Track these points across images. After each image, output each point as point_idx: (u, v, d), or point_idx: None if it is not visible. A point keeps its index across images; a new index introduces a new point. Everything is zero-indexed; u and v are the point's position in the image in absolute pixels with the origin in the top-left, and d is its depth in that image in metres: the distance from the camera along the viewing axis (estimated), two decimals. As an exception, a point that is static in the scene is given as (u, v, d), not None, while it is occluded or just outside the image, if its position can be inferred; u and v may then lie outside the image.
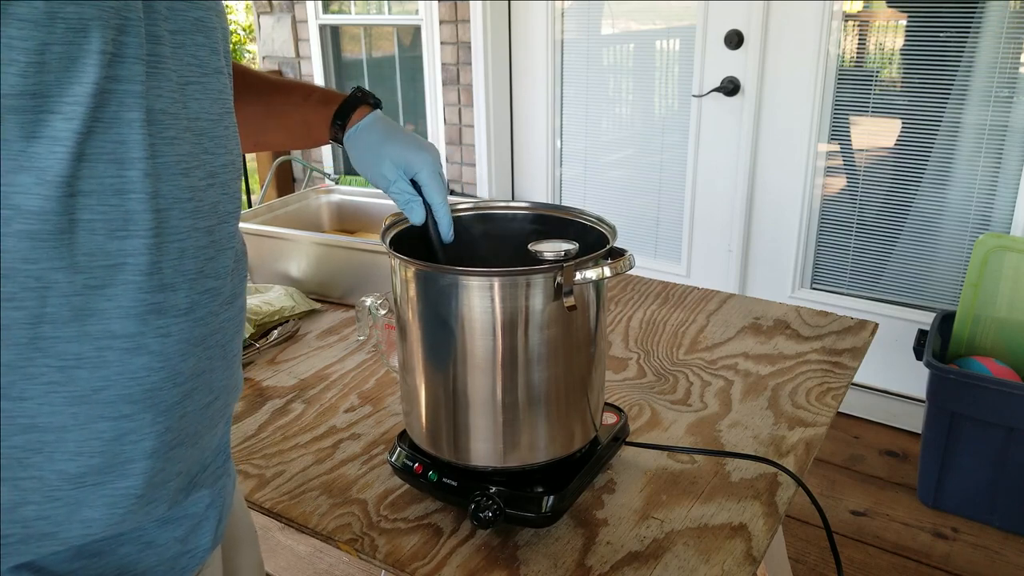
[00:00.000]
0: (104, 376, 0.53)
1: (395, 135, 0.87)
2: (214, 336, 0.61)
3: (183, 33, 0.58)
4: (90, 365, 0.52)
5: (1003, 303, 2.00)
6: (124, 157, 0.52)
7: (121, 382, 0.53)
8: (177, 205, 0.56)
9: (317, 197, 1.68)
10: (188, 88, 0.58)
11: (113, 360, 0.53)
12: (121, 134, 0.51)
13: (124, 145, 0.51)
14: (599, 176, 2.89)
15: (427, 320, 0.81)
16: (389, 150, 0.86)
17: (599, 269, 0.75)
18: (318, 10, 3.29)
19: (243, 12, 8.20)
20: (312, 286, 1.46)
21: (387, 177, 0.85)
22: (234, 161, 0.65)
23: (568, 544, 0.83)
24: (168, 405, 0.57)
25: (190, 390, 0.59)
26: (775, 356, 1.22)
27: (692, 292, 1.46)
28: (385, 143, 0.86)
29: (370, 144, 0.87)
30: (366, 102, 0.89)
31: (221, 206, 0.62)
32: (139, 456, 0.56)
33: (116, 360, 0.53)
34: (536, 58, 2.85)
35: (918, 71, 2.20)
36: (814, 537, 1.92)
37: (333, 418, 1.08)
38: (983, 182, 2.19)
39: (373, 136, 0.87)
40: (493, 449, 0.82)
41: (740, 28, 2.39)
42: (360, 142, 0.88)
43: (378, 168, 0.86)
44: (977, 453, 1.92)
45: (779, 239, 2.51)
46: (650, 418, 1.06)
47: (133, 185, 0.52)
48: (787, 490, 0.90)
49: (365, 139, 0.88)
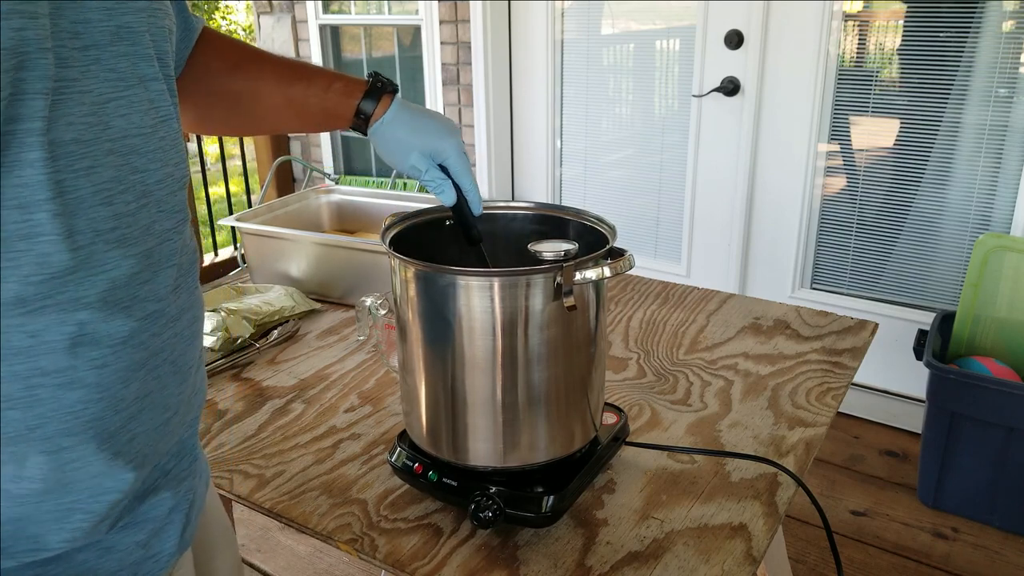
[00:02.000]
0: (39, 414, 0.52)
1: (419, 125, 0.89)
2: (160, 355, 0.60)
3: (98, 47, 0.55)
4: (22, 405, 0.51)
5: (1003, 303, 2.00)
6: (28, 200, 0.49)
7: (57, 418, 0.53)
8: (99, 238, 0.54)
9: (317, 197, 1.68)
10: (108, 106, 0.56)
11: (46, 397, 0.52)
12: (21, 177, 0.48)
13: (26, 188, 0.49)
14: (599, 176, 2.89)
15: (427, 320, 0.81)
16: (417, 142, 0.88)
17: (599, 269, 0.75)
18: (318, 10, 3.29)
19: (243, 12, 8.19)
20: (312, 286, 1.46)
21: (418, 168, 0.88)
22: (173, 173, 0.62)
23: (568, 544, 0.83)
24: (112, 432, 0.56)
25: (136, 412, 0.58)
26: (775, 356, 1.22)
27: (692, 292, 1.46)
28: (412, 135, 0.88)
29: (398, 138, 0.88)
30: (386, 91, 0.90)
31: (157, 225, 0.60)
32: (85, 478, 0.55)
33: (49, 397, 0.52)
34: (536, 58, 2.85)
35: (918, 71, 2.20)
36: (814, 537, 1.92)
37: (333, 418, 1.08)
38: (983, 182, 2.19)
39: (400, 131, 0.88)
40: (493, 449, 0.82)
41: (740, 28, 2.39)
42: (387, 136, 0.89)
43: (407, 160, 0.88)
44: (977, 453, 1.92)
45: (779, 239, 2.51)
46: (650, 418, 1.06)
47: (41, 228, 0.50)
48: (787, 490, 0.90)
49: (392, 134, 0.88)
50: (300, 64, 0.92)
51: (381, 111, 0.88)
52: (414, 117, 0.89)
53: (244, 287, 1.43)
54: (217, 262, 3.37)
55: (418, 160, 0.87)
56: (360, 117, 0.89)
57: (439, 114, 0.92)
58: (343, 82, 0.89)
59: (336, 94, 0.89)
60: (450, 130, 0.89)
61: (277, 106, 0.90)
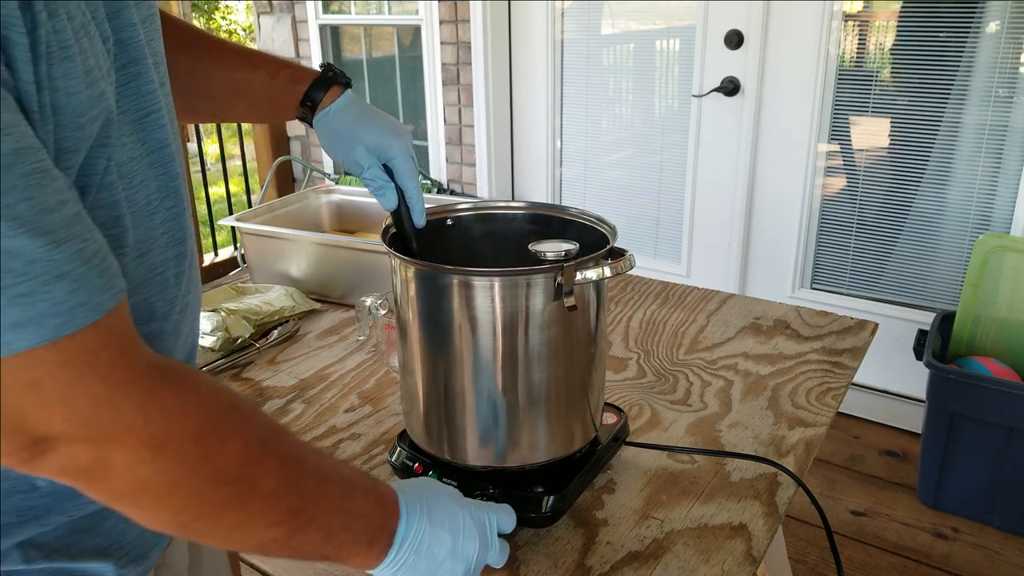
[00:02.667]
0: None
1: (367, 119, 0.86)
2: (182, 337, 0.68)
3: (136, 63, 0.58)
4: None
5: (1003, 303, 2.00)
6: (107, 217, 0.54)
7: None
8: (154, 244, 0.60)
9: (317, 197, 1.68)
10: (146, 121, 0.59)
11: None
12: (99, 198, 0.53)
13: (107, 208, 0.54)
14: (599, 176, 2.89)
15: (427, 320, 0.81)
16: (363, 136, 0.84)
17: (599, 269, 0.75)
18: (318, 10, 3.29)
19: (243, 12, 8.19)
20: (312, 286, 1.46)
21: (360, 164, 0.84)
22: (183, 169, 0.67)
23: (568, 544, 0.83)
24: None
25: None
26: (775, 356, 1.22)
27: (692, 292, 1.46)
28: (358, 128, 0.85)
29: (342, 129, 0.85)
30: (337, 82, 0.87)
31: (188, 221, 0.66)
32: None
33: None
34: (536, 58, 2.85)
35: (918, 71, 2.20)
36: (814, 537, 1.92)
37: (333, 418, 1.08)
38: (983, 182, 2.19)
39: (345, 121, 0.85)
40: (493, 449, 0.82)
41: (740, 28, 2.39)
42: (331, 126, 0.86)
43: (351, 154, 0.85)
44: (977, 453, 1.92)
45: (779, 239, 2.51)
46: (650, 418, 1.06)
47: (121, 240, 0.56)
48: (787, 490, 0.90)
49: (337, 123, 0.85)
50: (246, 50, 0.89)
51: (329, 100, 0.86)
52: (363, 111, 0.86)
53: (244, 287, 1.43)
54: (217, 262, 3.37)
55: (362, 155, 0.84)
56: (306, 105, 0.86)
57: (391, 117, 0.89)
58: (292, 70, 0.87)
59: (283, 80, 0.86)
60: (400, 131, 0.86)
61: (221, 91, 0.87)
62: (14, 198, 0.41)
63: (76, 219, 0.45)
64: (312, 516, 0.58)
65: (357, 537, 0.62)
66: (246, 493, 0.54)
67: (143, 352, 0.50)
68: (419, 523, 0.66)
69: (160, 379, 0.50)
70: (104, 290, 0.46)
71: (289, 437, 0.60)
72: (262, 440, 0.56)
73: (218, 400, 0.54)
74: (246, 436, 0.54)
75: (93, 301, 0.45)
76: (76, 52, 0.47)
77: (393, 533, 0.64)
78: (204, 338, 1.23)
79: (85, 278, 0.45)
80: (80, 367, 0.46)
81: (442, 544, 0.66)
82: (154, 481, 0.50)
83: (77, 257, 0.44)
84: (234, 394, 0.57)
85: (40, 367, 0.44)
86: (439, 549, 0.66)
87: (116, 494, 0.50)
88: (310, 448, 0.62)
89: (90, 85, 0.49)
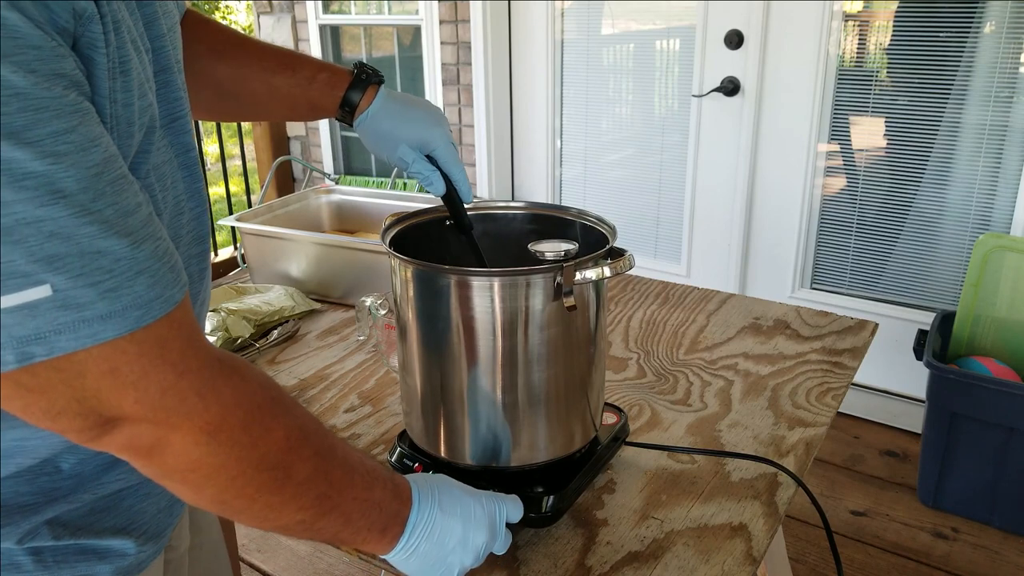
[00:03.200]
0: None
1: (405, 114, 0.88)
2: None
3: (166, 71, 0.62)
4: None
5: (1003, 303, 2.00)
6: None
7: None
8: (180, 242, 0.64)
9: (317, 197, 1.68)
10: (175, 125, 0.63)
11: None
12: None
13: None
14: (599, 176, 2.89)
15: (427, 320, 0.81)
16: (403, 134, 0.88)
17: (599, 269, 0.75)
18: (318, 10, 3.29)
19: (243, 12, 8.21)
20: (312, 286, 1.46)
21: (405, 160, 0.88)
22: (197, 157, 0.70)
23: (568, 544, 0.83)
24: None
25: None
26: (775, 356, 1.22)
27: (692, 292, 1.46)
28: (398, 126, 0.88)
29: (383, 129, 0.88)
30: (371, 82, 0.89)
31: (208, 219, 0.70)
32: None
33: None
34: (536, 58, 2.85)
35: (918, 71, 2.20)
36: (814, 537, 1.92)
37: (333, 418, 1.08)
38: (983, 182, 2.19)
39: (385, 121, 0.88)
40: (493, 449, 0.82)
41: (740, 28, 2.39)
42: (373, 128, 0.88)
43: (395, 152, 0.88)
44: (977, 453, 1.92)
45: (779, 239, 2.51)
46: (650, 418, 1.06)
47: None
48: (787, 490, 0.90)
49: (378, 126, 0.88)
50: (284, 52, 0.91)
51: (366, 103, 0.88)
52: (400, 108, 0.89)
53: (244, 287, 1.43)
54: (217, 262, 3.37)
55: (406, 153, 0.87)
56: (345, 109, 0.88)
57: (425, 102, 0.92)
58: (328, 73, 0.89)
59: (321, 85, 0.88)
60: (437, 119, 0.89)
61: (261, 95, 0.89)
62: (103, 203, 0.46)
63: (150, 219, 0.50)
64: (337, 503, 0.62)
65: (373, 524, 0.66)
66: (283, 479, 0.58)
67: (205, 342, 0.55)
68: (430, 511, 0.69)
69: (219, 369, 0.54)
70: (174, 284, 0.51)
71: (323, 428, 0.64)
72: (302, 430, 0.60)
73: (266, 391, 0.58)
74: (289, 425, 0.59)
75: (166, 295, 0.50)
76: (132, 67, 0.52)
77: (405, 521, 0.68)
78: (204, 338, 1.23)
79: (160, 273, 0.50)
80: (153, 356, 0.50)
81: (452, 532, 0.70)
82: (204, 462, 0.54)
83: (154, 255, 0.49)
84: (278, 386, 0.61)
85: (119, 356, 0.48)
86: (449, 537, 0.70)
87: (168, 471, 0.55)
88: (340, 440, 0.66)
89: (141, 96, 0.53)
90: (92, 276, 0.46)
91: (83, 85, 0.47)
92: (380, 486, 0.66)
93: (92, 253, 0.45)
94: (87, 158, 0.45)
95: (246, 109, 0.94)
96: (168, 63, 0.61)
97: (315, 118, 0.93)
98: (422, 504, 0.69)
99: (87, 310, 0.46)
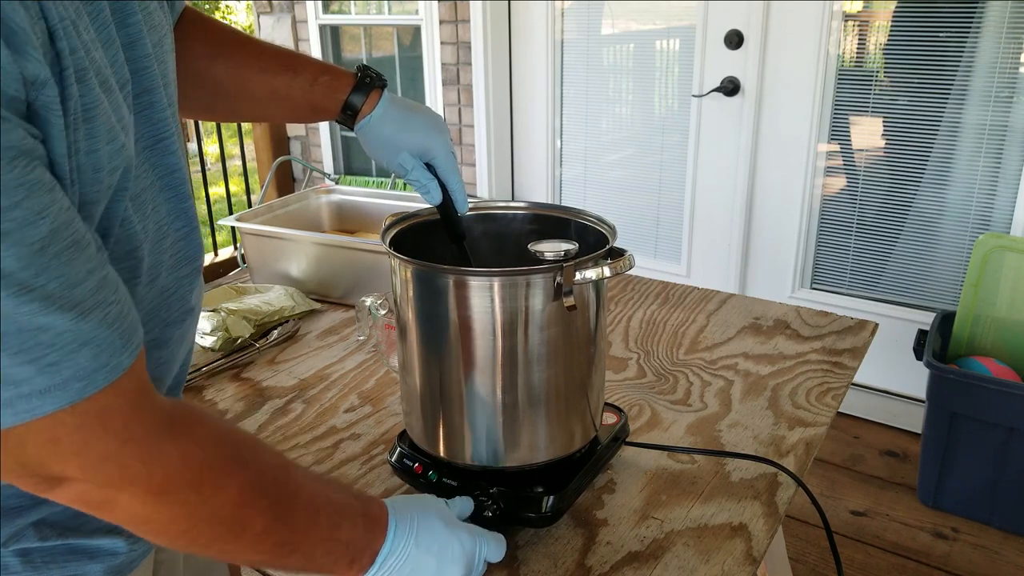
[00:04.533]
0: None
1: (407, 121, 0.88)
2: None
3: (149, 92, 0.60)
4: None
5: (1003, 303, 2.00)
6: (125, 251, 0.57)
7: None
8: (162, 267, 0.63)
9: (317, 197, 1.68)
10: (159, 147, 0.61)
11: None
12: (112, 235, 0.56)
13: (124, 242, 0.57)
14: (599, 176, 2.89)
15: (427, 320, 0.81)
16: (405, 141, 0.87)
17: (599, 269, 0.75)
18: (318, 10, 3.29)
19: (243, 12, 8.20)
20: (312, 286, 1.46)
21: (405, 167, 0.87)
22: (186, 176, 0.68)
23: (568, 544, 0.83)
24: None
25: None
26: (775, 356, 1.22)
27: (692, 292, 1.46)
28: (400, 133, 0.87)
29: (384, 136, 0.87)
30: (374, 86, 0.88)
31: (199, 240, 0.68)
32: None
33: None
34: (536, 58, 2.85)
35: (918, 71, 2.20)
36: (814, 537, 1.92)
37: (333, 418, 1.08)
38: (983, 182, 2.19)
39: (387, 127, 0.87)
40: (493, 449, 0.82)
41: (740, 28, 2.39)
42: (375, 134, 0.88)
43: (395, 159, 0.88)
44: (977, 453, 1.92)
45: (779, 239, 2.51)
46: (650, 418, 1.06)
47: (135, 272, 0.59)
48: (787, 490, 0.90)
49: (380, 131, 0.88)
50: (285, 53, 0.89)
51: (369, 107, 0.87)
52: (403, 114, 0.88)
53: (244, 287, 1.43)
54: (217, 262, 3.37)
55: (406, 160, 0.87)
56: (347, 113, 0.87)
57: (427, 109, 0.91)
58: (330, 75, 0.87)
59: (323, 88, 0.87)
60: (439, 127, 0.88)
61: (261, 97, 0.87)
62: (47, 277, 0.44)
63: (102, 284, 0.48)
64: (298, 546, 0.61)
65: (339, 560, 0.65)
66: (238, 531, 0.58)
67: (153, 403, 0.53)
68: (404, 544, 0.67)
69: (167, 431, 0.54)
70: (123, 350, 0.49)
71: (286, 472, 0.63)
72: (258, 484, 0.59)
73: (220, 448, 0.57)
74: (243, 481, 0.58)
75: (113, 363, 0.48)
76: (99, 112, 0.50)
77: (376, 553, 0.66)
78: (204, 338, 1.23)
79: (107, 342, 0.48)
80: (94, 426, 0.49)
81: (426, 567, 0.68)
82: (154, 518, 0.54)
83: (101, 323, 0.48)
84: (237, 437, 0.60)
85: (59, 427, 0.48)
86: (422, 572, 0.68)
87: (121, 521, 0.55)
88: (307, 477, 0.65)
89: (111, 140, 0.51)
90: (31, 353, 0.44)
91: (35, 151, 0.45)
92: (349, 523, 0.65)
93: (32, 330, 0.44)
94: (31, 233, 0.43)
95: (245, 110, 0.93)
96: (152, 83, 0.59)
97: (316, 120, 0.92)
98: (397, 535, 0.67)
99: (25, 386, 0.45)
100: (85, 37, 0.48)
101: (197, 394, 1.14)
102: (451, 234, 0.90)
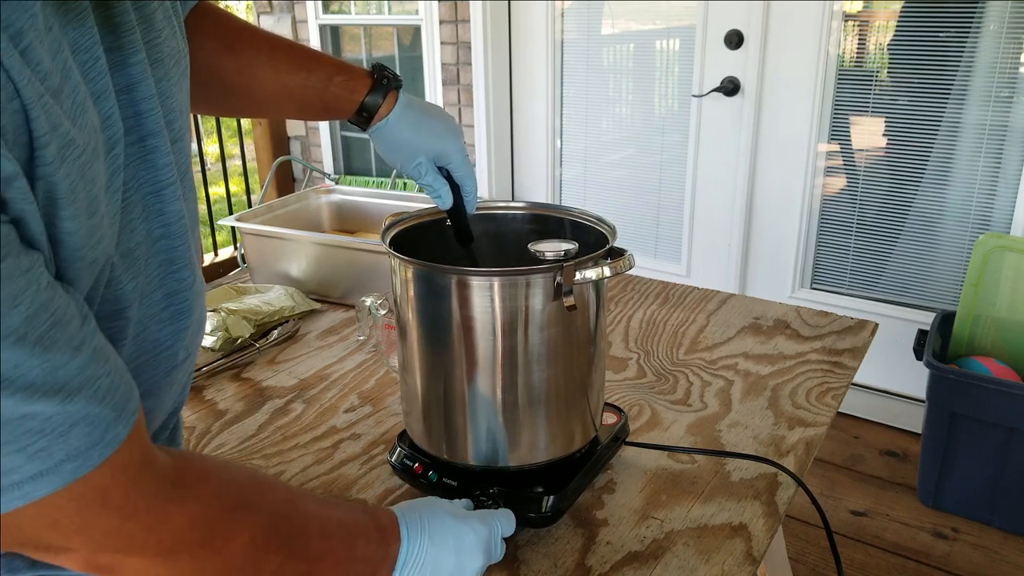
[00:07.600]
0: None
1: (423, 125, 0.86)
2: None
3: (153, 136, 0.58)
4: None
5: (1003, 303, 2.00)
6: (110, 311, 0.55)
7: None
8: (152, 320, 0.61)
9: (317, 197, 1.68)
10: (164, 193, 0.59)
11: None
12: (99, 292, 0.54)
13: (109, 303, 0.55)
14: (599, 176, 2.89)
15: (427, 320, 0.81)
16: (421, 145, 0.86)
17: (599, 269, 0.75)
18: (318, 10, 3.29)
19: (243, 12, 8.20)
20: (312, 286, 1.46)
21: (420, 171, 0.86)
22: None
23: (568, 544, 0.83)
24: None
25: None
26: (775, 356, 1.22)
27: (692, 292, 1.46)
28: (415, 137, 0.86)
29: (400, 139, 0.86)
30: (391, 87, 0.86)
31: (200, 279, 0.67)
32: None
33: None
34: (536, 58, 2.85)
35: (918, 71, 2.20)
36: (814, 537, 1.92)
37: (333, 418, 1.08)
38: (983, 182, 2.19)
39: (403, 131, 0.86)
40: (493, 449, 0.82)
41: (740, 28, 2.39)
42: (390, 137, 0.86)
43: (410, 163, 0.86)
44: (977, 453, 1.92)
45: (779, 239, 2.51)
46: (650, 418, 1.06)
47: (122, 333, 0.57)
48: (787, 490, 0.90)
49: (397, 135, 0.86)
50: (299, 49, 0.86)
51: (386, 109, 0.85)
52: (419, 117, 0.87)
53: (244, 287, 1.43)
54: (217, 262, 3.37)
55: (422, 164, 0.86)
56: (363, 115, 0.86)
57: (441, 111, 0.90)
58: (345, 75, 0.85)
59: (338, 88, 0.84)
60: (454, 131, 0.88)
61: (272, 94, 0.85)
62: (28, 366, 0.42)
63: (90, 360, 0.46)
64: (314, 573, 0.60)
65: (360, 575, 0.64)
66: (254, 573, 0.57)
67: (154, 469, 0.51)
68: (420, 545, 0.67)
69: (170, 496, 0.52)
70: (116, 422, 0.47)
71: (296, 505, 0.61)
72: (269, 525, 0.58)
73: (226, 500, 0.56)
74: (253, 527, 0.56)
75: (108, 437, 0.46)
76: (80, 187, 0.46)
77: (394, 561, 0.66)
78: (204, 338, 1.23)
79: (99, 417, 0.46)
80: (94, 505, 0.47)
81: (446, 564, 0.68)
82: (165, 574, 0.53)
83: (91, 400, 0.45)
84: (241, 481, 0.58)
85: (56, 511, 0.46)
86: (443, 569, 0.68)
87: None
88: (315, 503, 0.64)
89: (91, 215, 0.48)
90: (18, 442, 0.42)
91: (8, 245, 0.42)
92: (363, 541, 0.65)
93: (17, 419, 0.42)
94: (6, 324, 0.41)
95: (254, 106, 0.92)
96: (154, 127, 0.57)
97: (327, 119, 0.91)
98: (411, 538, 0.67)
99: (15, 474, 0.43)
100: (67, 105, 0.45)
101: (197, 394, 1.15)
102: (460, 237, 0.90)
